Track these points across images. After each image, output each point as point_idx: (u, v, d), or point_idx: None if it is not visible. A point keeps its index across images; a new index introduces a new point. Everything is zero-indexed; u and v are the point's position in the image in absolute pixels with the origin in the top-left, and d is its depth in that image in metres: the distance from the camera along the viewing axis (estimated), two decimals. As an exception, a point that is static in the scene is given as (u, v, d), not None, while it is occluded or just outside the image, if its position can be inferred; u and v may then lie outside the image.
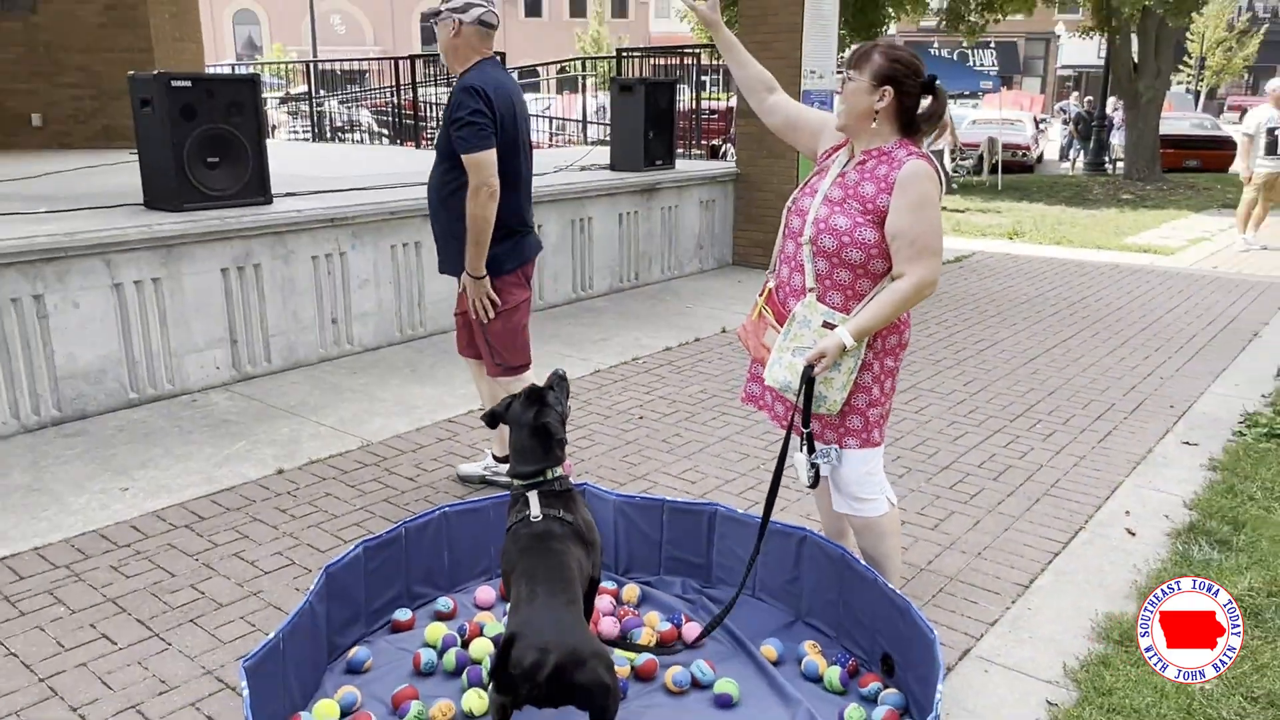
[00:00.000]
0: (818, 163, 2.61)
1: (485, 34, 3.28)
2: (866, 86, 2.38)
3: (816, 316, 2.42)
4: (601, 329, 6.07)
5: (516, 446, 2.39)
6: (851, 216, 2.38)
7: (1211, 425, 4.43)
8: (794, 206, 2.54)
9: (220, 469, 3.78)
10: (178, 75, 4.64)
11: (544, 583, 2.07)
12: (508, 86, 3.23)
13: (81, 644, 2.61)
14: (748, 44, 8.06)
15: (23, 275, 3.99)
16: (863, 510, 2.59)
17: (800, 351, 2.42)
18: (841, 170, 2.47)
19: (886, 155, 2.40)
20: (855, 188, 2.41)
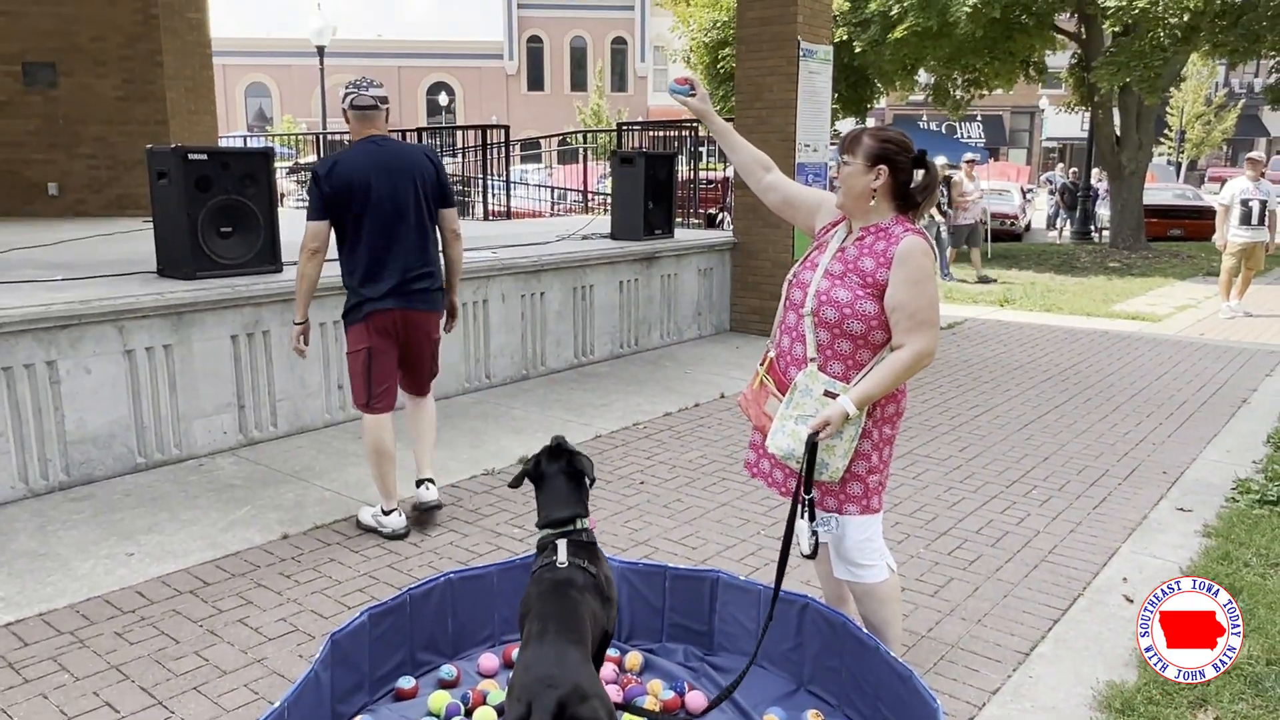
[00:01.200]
0: (816, 238, 2.72)
1: (361, 116, 3.72)
2: (861, 168, 2.51)
3: (818, 385, 2.50)
4: (603, 394, 6.15)
5: (549, 495, 2.48)
6: (852, 290, 2.48)
7: (1204, 491, 4.48)
8: (795, 280, 2.64)
9: (225, 534, 3.81)
10: (194, 149, 4.80)
11: (555, 624, 2.13)
12: (362, 165, 3.65)
13: (84, 712, 2.61)
14: (744, 118, 8.31)
15: (37, 341, 4.07)
16: (863, 576, 2.65)
17: (803, 420, 2.49)
18: (841, 245, 2.58)
19: (884, 231, 2.52)
20: (855, 262, 2.52)
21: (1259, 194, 9.38)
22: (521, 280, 6.38)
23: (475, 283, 6.01)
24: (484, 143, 11.20)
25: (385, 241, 3.70)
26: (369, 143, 3.71)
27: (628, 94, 41.35)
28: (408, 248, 3.74)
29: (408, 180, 3.73)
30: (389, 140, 3.80)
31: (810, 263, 2.63)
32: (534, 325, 6.52)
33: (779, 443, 2.53)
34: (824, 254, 2.60)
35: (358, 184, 3.63)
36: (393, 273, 3.71)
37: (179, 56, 9.89)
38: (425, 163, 3.85)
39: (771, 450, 2.57)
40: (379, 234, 3.69)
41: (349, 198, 3.63)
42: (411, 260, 3.75)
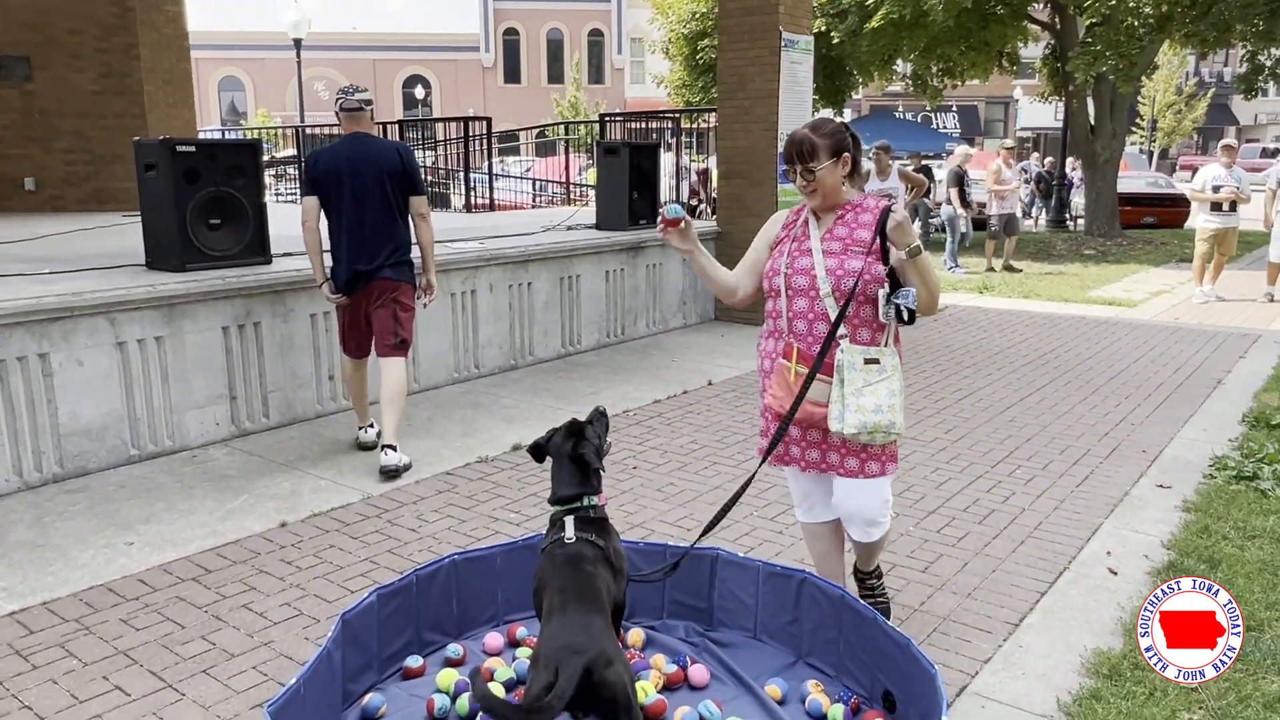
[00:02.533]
0: (781, 242, 2.85)
1: (348, 116, 4.42)
2: (831, 165, 2.70)
3: (857, 357, 2.66)
4: (591, 382, 6.20)
5: (556, 474, 2.55)
6: (860, 258, 2.67)
7: (1183, 469, 4.61)
8: (791, 271, 2.75)
9: (224, 523, 3.83)
10: (182, 141, 4.79)
11: (575, 595, 2.20)
12: (339, 157, 4.36)
13: (95, 696, 2.64)
14: (726, 109, 8.38)
15: (30, 334, 4.06)
16: (877, 534, 2.83)
17: (857, 394, 2.64)
18: (825, 230, 2.74)
19: (859, 206, 2.76)
20: (850, 236, 2.71)
21: (1231, 180, 9.57)
22: (509, 270, 6.41)
23: (463, 273, 6.04)
24: (465, 135, 11.18)
25: (353, 221, 4.38)
26: (351, 138, 4.41)
27: (605, 86, 41.27)
28: (370, 228, 4.39)
29: (373, 171, 4.36)
30: (368, 137, 4.46)
31: (800, 252, 2.75)
32: (522, 315, 6.55)
33: (850, 422, 2.63)
34: (809, 242, 2.74)
35: (332, 173, 4.35)
36: (356, 248, 4.40)
37: (156, 49, 9.79)
38: (393, 156, 4.46)
39: (847, 434, 2.65)
40: (347, 215, 4.38)
41: (325, 183, 4.36)
42: (373, 238, 4.39)
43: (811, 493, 2.94)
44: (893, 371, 2.68)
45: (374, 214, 4.37)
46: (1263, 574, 3.41)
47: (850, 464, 2.74)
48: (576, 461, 2.55)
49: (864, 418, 2.63)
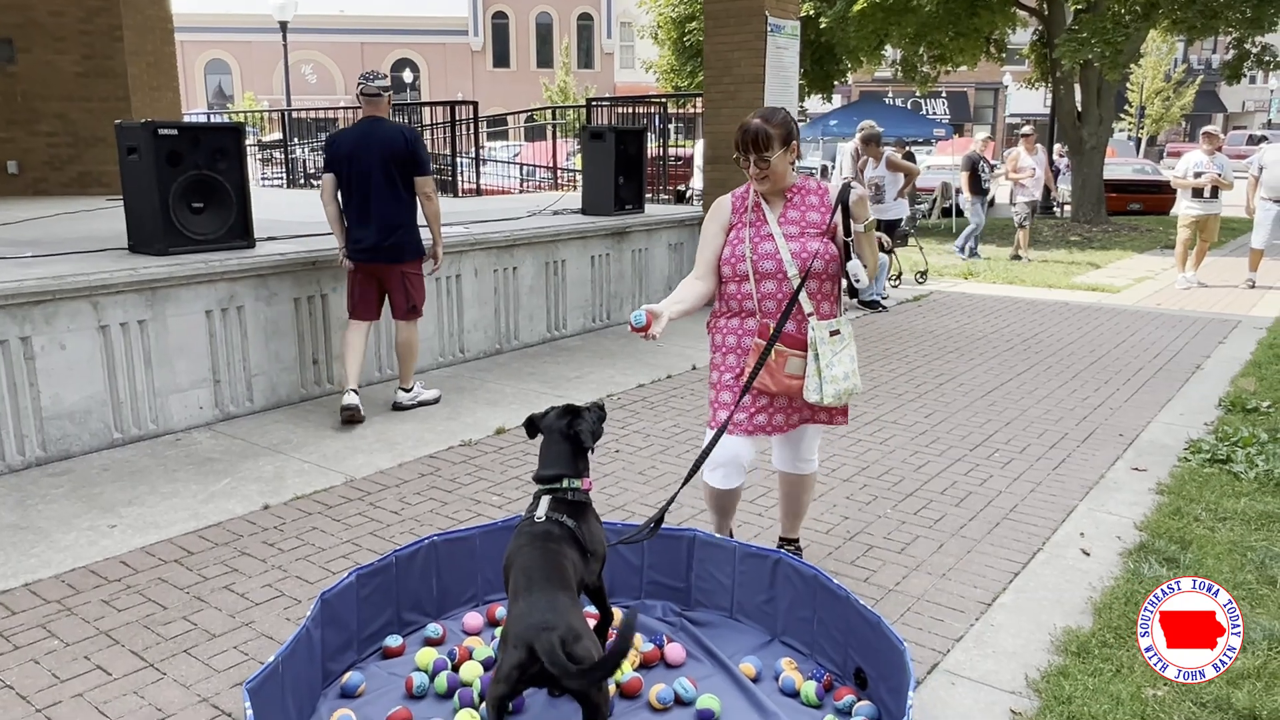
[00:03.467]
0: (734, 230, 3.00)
1: (366, 100, 4.89)
2: (783, 154, 2.90)
3: (824, 331, 2.92)
4: (576, 367, 6.22)
5: (544, 452, 2.58)
6: (818, 240, 2.92)
7: (1159, 452, 4.67)
8: (756, 256, 2.93)
9: (206, 505, 3.85)
10: (164, 124, 4.77)
11: (540, 573, 2.23)
12: (352, 136, 4.85)
13: (77, 675, 2.66)
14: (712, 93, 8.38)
15: (11, 317, 4.05)
16: (808, 468, 3.25)
17: (829, 366, 2.90)
18: (779, 214, 2.96)
19: (802, 188, 3.00)
20: (803, 220, 2.95)
21: (1213, 167, 9.63)
22: (494, 255, 6.41)
23: (448, 258, 6.04)
24: (453, 119, 11.14)
25: (359, 199, 4.84)
26: (366, 121, 4.88)
27: (594, 71, 41.07)
28: (375, 205, 4.82)
29: (378, 153, 4.78)
30: (382, 121, 4.89)
31: (762, 237, 2.94)
32: (507, 300, 6.56)
33: (829, 392, 2.89)
34: (767, 227, 2.95)
35: (344, 153, 4.82)
36: (364, 223, 4.86)
37: (140, 32, 9.70)
38: (398, 140, 4.84)
39: (826, 403, 2.92)
40: (355, 193, 4.84)
41: (338, 163, 4.84)
42: (379, 215, 4.83)
43: (738, 458, 3.05)
44: (849, 339, 2.99)
45: (378, 193, 4.82)
46: (1231, 554, 3.48)
47: (821, 417, 3.09)
48: (569, 440, 2.57)
49: (837, 386, 2.91)
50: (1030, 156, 12.05)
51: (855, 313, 8.31)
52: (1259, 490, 4.12)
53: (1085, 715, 2.52)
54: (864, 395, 5.67)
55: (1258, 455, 4.50)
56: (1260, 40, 15.53)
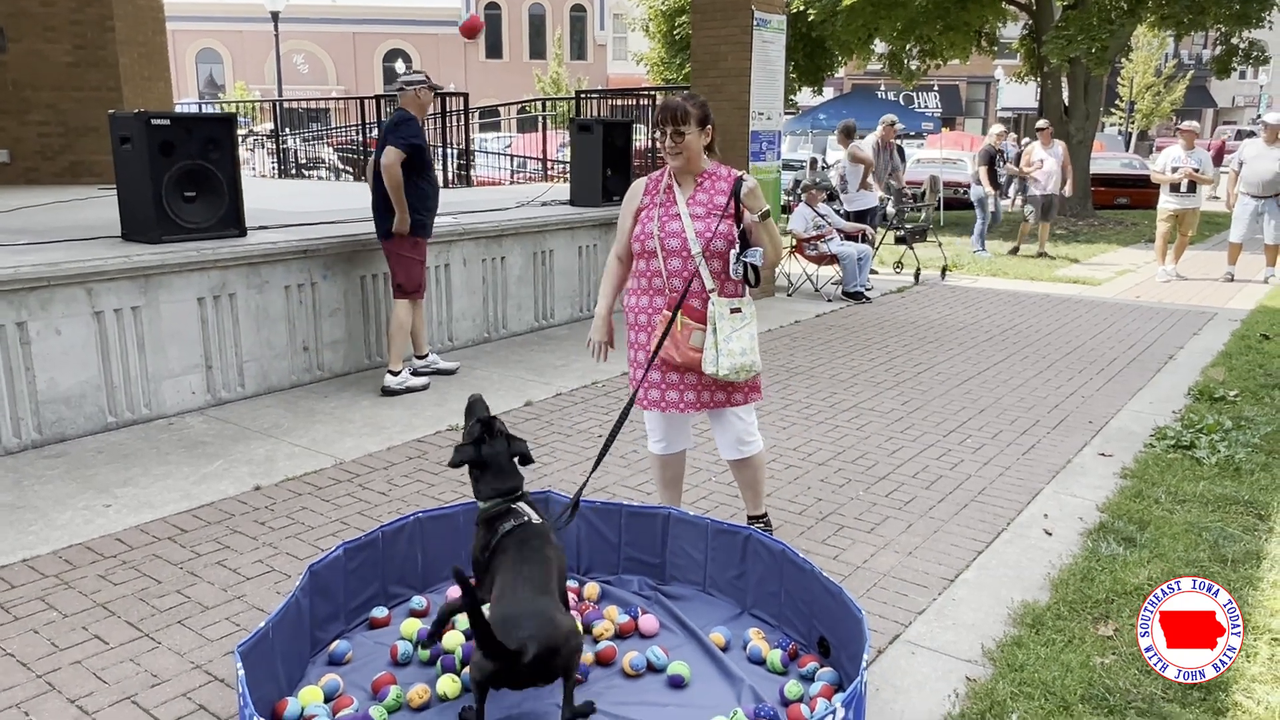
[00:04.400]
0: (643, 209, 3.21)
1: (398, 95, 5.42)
2: (698, 132, 3.10)
3: (725, 307, 3.09)
4: (563, 356, 6.34)
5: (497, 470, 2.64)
6: (724, 222, 3.11)
7: (1126, 439, 4.82)
8: (664, 234, 3.13)
9: (199, 486, 3.96)
10: (157, 114, 4.86)
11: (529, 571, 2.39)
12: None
13: (75, 644, 2.78)
14: (699, 86, 8.49)
15: (7, 303, 4.15)
16: (749, 451, 3.35)
17: (727, 340, 3.07)
18: (688, 196, 3.15)
19: (714, 175, 3.19)
20: (710, 203, 3.13)
21: (1190, 162, 9.78)
22: (483, 245, 6.52)
23: (437, 248, 6.14)
24: (443, 110, 11.22)
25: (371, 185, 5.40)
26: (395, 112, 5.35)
27: (587, 62, 41.04)
28: (374, 191, 5.30)
29: (379, 144, 5.22)
30: (399, 111, 5.26)
31: (669, 217, 3.13)
32: (495, 289, 6.67)
33: (725, 365, 3.06)
34: (676, 207, 3.13)
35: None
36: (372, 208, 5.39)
37: (131, 22, 9.74)
38: (387, 126, 5.27)
39: (721, 375, 3.08)
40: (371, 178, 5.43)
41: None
42: (374, 201, 5.30)
43: (671, 427, 3.36)
44: (751, 318, 3.15)
45: (375, 180, 5.25)
46: (1187, 534, 3.62)
47: (719, 397, 3.22)
48: (522, 459, 2.69)
49: (734, 360, 3.07)
50: (1045, 150, 11.79)
51: (839, 303, 8.45)
52: (1219, 475, 4.27)
53: (1036, 681, 2.66)
54: (843, 383, 5.81)
55: (1220, 442, 4.65)
56: (1248, 35, 15.68)
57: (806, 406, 5.32)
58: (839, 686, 2.60)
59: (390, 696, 2.47)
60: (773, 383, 5.79)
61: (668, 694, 2.60)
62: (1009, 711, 2.53)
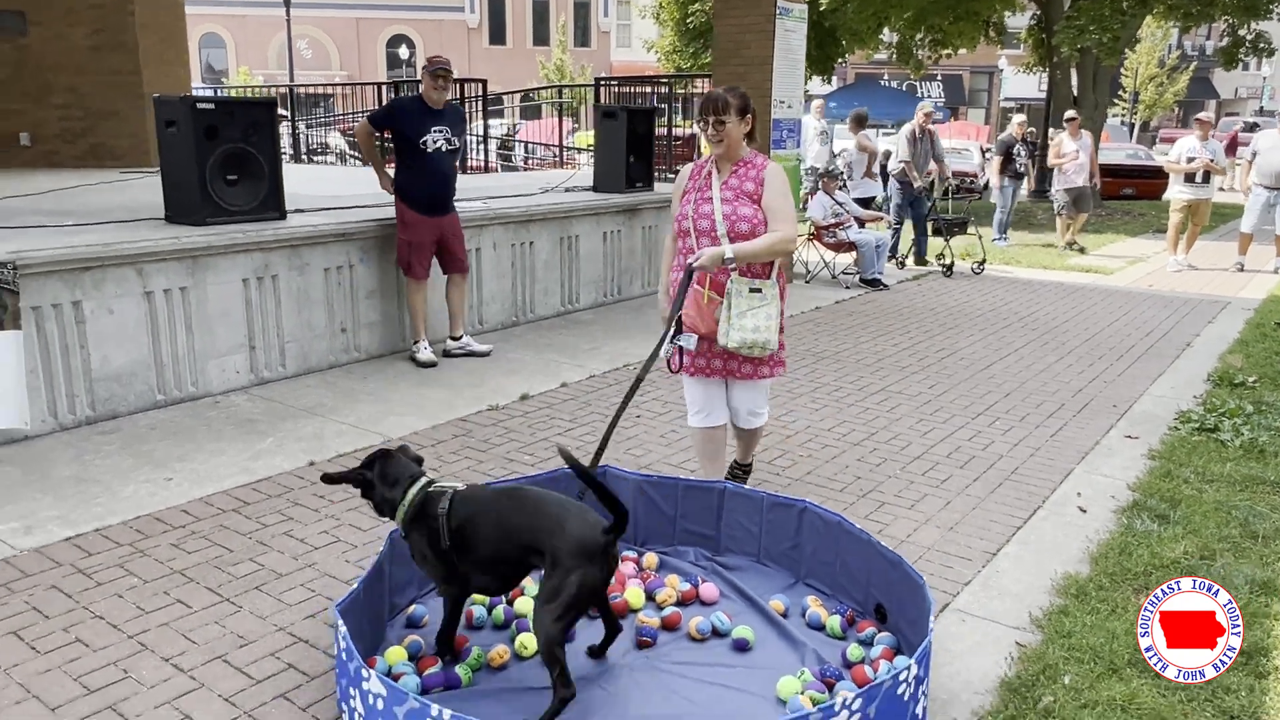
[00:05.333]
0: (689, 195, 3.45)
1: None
2: (737, 121, 3.33)
3: (744, 286, 3.31)
4: (591, 339, 6.44)
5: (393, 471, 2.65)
6: (749, 206, 3.33)
7: (1150, 422, 4.93)
8: (696, 215, 3.38)
9: (255, 462, 4.06)
10: (202, 98, 4.93)
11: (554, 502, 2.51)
12: None
13: (160, 608, 2.89)
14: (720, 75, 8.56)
15: (64, 282, 4.24)
16: (757, 421, 3.61)
17: (741, 316, 3.29)
18: (722, 182, 3.38)
19: (749, 163, 3.41)
20: (740, 189, 3.36)
21: (1205, 153, 9.87)
22: (511, 230, 6.61)
23: (469, 231, 6.22)
24: (461, 97, 11.27)
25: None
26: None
27: (591, 49, 40.95)
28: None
29: None
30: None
31: (703, 200, 3.38)
32: (523, 274, 6.76)
33: (734, 338, 3.30)
34: (710, 192, 3.38)
35: None
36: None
37: (150, 5, 9.74)
38: None
39: (730, 347, 3.32)
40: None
41: None
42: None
43: (709, 400, 3.55)
44: (772, 299, 3.33)
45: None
46: (1217, 512, 3.74)
47: (746, 369, 3.46)
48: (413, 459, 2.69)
49: (744, 335, 3.29)
50: (1074, 141, 11.45)
51: (857, 290, 8.55)
52: (1244, 456, 4.39)
53: (1084, 646, 2.78)
54: (869, 367, 5.92)
55: (1243, 425, 4.77)
56: (1255, 27, 15.74)
57: (836, 389, 5.43)
58: (898, 650, 2.71)
59: (472, 656, 2.58)
60: (800, 366, 5.90)
61: (734, 656, 2.71)
62: (1061, 674, 2.65)
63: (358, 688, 2.19)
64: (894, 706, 2.21)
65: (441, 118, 5.41)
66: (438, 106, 5.40)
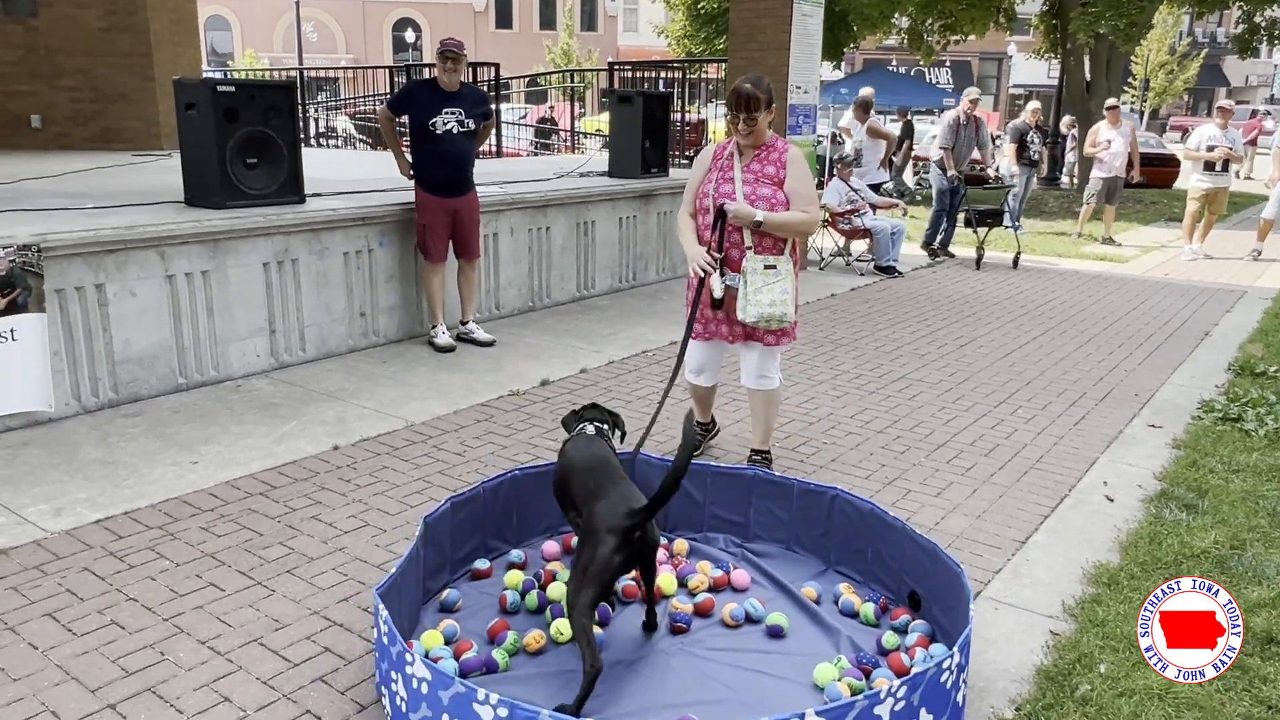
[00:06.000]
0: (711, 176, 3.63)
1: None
2: (766, 114, 3.52)
3: (759, 263, 3.52)
4: (608, 325, 6.42)
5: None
6: (768, 188, 3.53)
7: (1173, 411, 4.91)
8: (717, 194, 3.57)
9: (279, 445, 4.06)
10: (222, 81, 4.91)
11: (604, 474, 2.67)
12: None
13: (193, 590, 2.89)
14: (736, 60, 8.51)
15: (87, 265, 4.22)
16: (767, 385, 3.79)
17: (757, 291, 3.49)
18: (744, 165, 3.58)
19: (771, 147, 3.61)
20: (761, 171, 3.57)
21: (1225, 141, 9.80)
22: (528, 215, 6.58)
23: (486, 216, 6.19)
24: (474, 81, 11.20)
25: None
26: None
27: (597, 34, 40.75)
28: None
29: None
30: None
31: (725, 181, 3.58)
32: (540, 259, 6.74)
33: (751, 313, 3.51)
34: (732, 173, 3.58)
35: None
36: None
37: (161, -13, 9.70)
38: None
39: (749, 321, 3.54)
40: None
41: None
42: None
43: (709, 362, 3.88)
44: (786, 275, 3.54)
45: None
46: (1245, 502, 3.73)
47: (758, 334, 3.68)
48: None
49: (761, 309, 3.50)
50: (1113, 129, 11.03)
51: (871, 277, 8.52)
52: (1269, 446, 4.37)
53: (1119, 635, 2.77)
54: (888, 354, 5.90)
55: (1267, 415, 4.75)
56: (1270, 14, 15.61)
57: (857, 377, 5.41)
58: (932, 637, 2.71)
59: (508, 641, 2.58)
60: (819, 354, 5.88)
61: (768, 643, 2.71)
62: (1097, 663, 2.64)
63: (400, 671, 2.19)
64: (937, 695, 2.20)
65: (456, 99, 5.35)
66: (451, 88, 5.34)
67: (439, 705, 2.07)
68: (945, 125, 9.47)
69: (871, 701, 2.07)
